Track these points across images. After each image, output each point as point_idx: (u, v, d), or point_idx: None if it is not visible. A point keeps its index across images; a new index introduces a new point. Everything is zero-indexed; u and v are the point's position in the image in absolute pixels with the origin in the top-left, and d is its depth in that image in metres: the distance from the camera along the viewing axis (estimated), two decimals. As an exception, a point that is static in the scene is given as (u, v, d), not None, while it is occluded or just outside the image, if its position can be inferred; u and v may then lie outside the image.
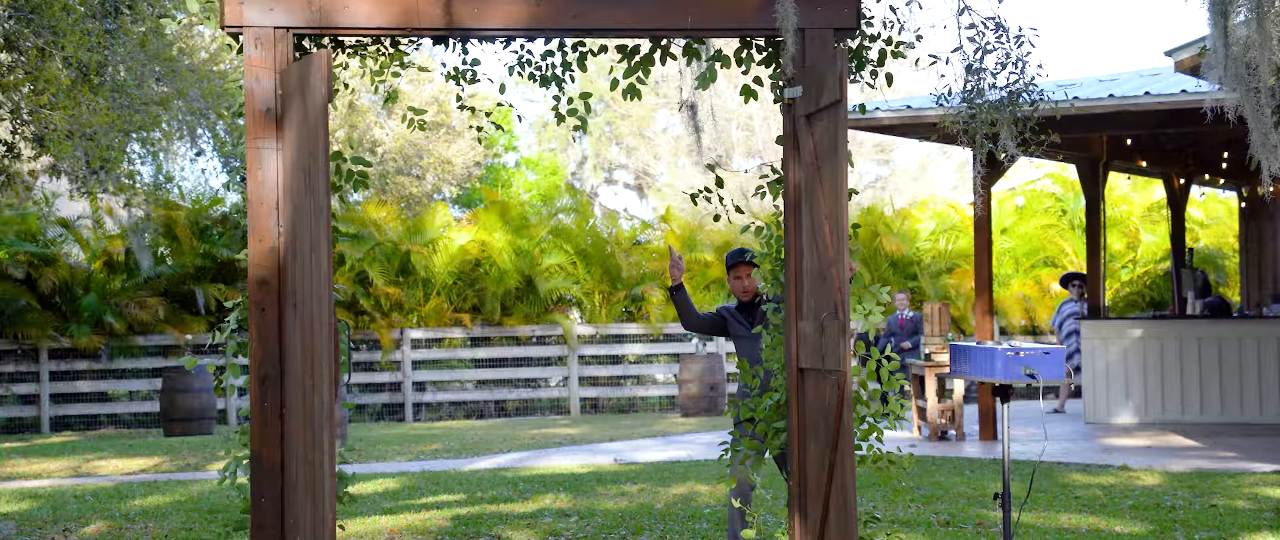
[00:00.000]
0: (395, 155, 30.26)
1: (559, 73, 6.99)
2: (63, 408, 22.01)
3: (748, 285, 8.22)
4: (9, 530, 10.52)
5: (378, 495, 11.90)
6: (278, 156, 6.13)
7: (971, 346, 6.22)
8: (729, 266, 8.33)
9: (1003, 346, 5.99)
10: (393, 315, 22.93)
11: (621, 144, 43.41)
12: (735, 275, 8.27)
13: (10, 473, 14.75)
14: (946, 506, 10.46)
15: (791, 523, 6.35)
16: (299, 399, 6.05)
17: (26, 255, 21.89)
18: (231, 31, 6.21)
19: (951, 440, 15.38)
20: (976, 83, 8.16)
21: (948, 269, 24.22)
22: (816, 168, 5.98)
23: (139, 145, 18.53)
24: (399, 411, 22.94)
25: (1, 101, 13.00)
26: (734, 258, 8.30)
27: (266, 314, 6.19)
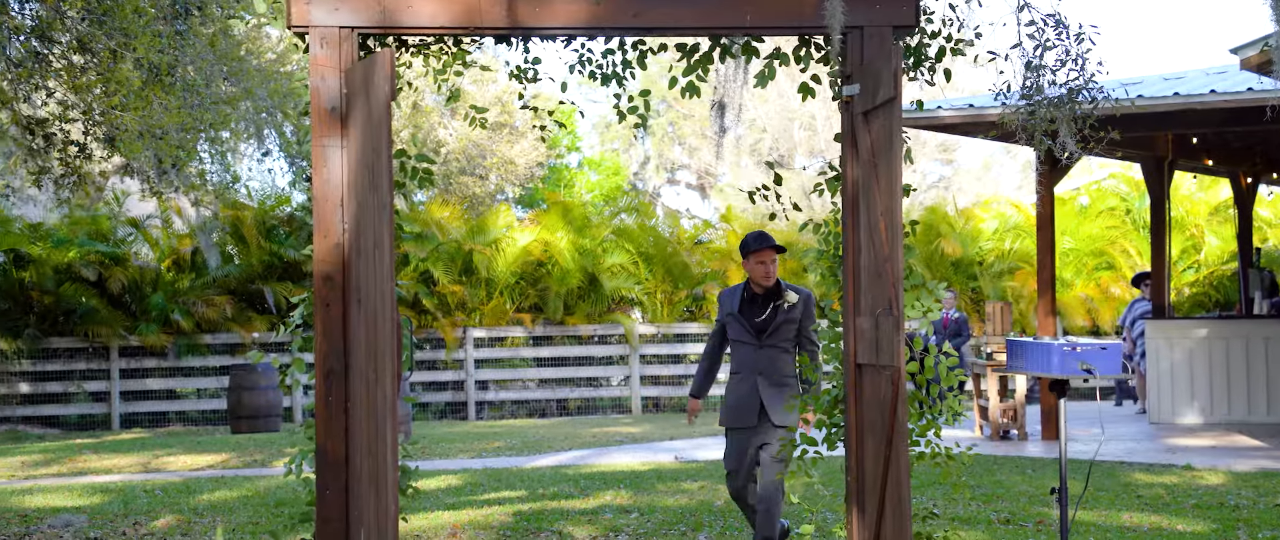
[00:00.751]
0: (458, 155, 30.47)
1: (619, 71, 7.05)
2: (132, 405, 22.35)
3: (770, 271, 8.03)
4: (81, 523, 10.73)
5: (441, 491, 12.03)
6: (343, 154, 6.23)
7: (1028, 342, 6.24)
8: (750, 250, 8.05)
9: (1060, 341, 6.01)
10: (456, 314, 23.11)
11: (684, 144, 43.45)
12: (758, 259, 8.03)
13: (82, 468, 15.03)
14: (1007, 505, 10.45)
15: (849, 517, 6.39)
16: (363, 393, 6.15)
17: (97, 255, 22.25)
18: (298, 31, 6.33)
19: (1013, 440, 15.32)
20: (1036, 80, 8.15)
21: (1009, 270, 24.08)
22: (873, 165, 6.02)
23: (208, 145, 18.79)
24: (462, 410, 23.11)
25: (74, 102, 13.22)
26: (758, 240, 8.05)
27: (331, 309, 6.29)
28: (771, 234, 8.24)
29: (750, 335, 8.04)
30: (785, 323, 8.02)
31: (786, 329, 8.03)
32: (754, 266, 8.05)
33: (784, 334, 8.04)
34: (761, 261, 8.02)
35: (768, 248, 8.04)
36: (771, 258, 8.04)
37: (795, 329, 8.06)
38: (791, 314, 8.01)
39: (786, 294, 8.04)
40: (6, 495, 12.43)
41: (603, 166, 40.24)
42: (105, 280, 22.14)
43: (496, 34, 6.59)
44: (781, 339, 8.05)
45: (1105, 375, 6.00)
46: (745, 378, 8.08)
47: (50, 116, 13.73)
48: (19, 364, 21.90)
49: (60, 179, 13.98)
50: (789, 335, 8.05)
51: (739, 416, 8.09)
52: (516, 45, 6.92)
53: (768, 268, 8.03)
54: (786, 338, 8.05)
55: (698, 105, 38.43)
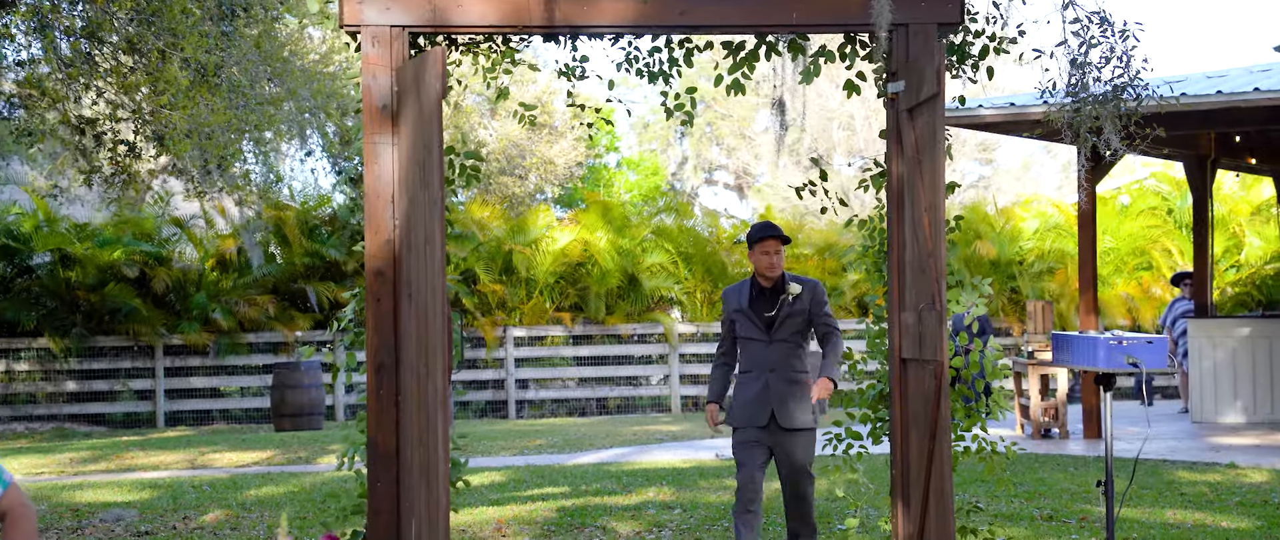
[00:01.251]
0: (498, 155, 30.59)
1: (666, 69, 7.13)
2: (177, 403, 22.56)
3: (775, 262, 7.67)
4: (132, 517, 10.87)
5: (485, 487, 12.12)
6: (393, 151, 6.33)
7: (1074, 336, 6.27)
8: (754, 241, 7.71)
9: (1106, 335, 6.05)
10: (497, 313, 23.23)
11: (722, 144, 43.50)
12: (763, 250, 7.67)
13: (129, 464, 15.20)
14: (1050, 502, 10.46)
15: (894, 510, 6.44)
16: (413, 386, 6.24)
17: (142, 255, 22.48)
18: (350, 30, 6.42)
19: (1055, 438, 15.31)
20: (1081, 77, 8.17)
21: (1048, 270, 24.02)
22: (917, 161, 6.07)
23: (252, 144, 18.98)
24: (502, 408, 23.22)
25: (123, 102, 13.41)
26: (763, 230, 7.70)
27: (382, 304, 6.39)
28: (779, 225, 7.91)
29: (760, 331, 7.71)
30: (792, 315, 7.69)
31: (794, 322, 7.69)
32: (759, 257, 7.71)
33: (792, 327, 7.70)
34: (766, 252, 7.68)
35: (772, 237, 7.70)
36: (776, 248, 7.68)
37: (803, 321, 7.72)
38: (797, 306, 7.68)
39: (789, 286, 7.71)
40: (57, 490, 12.60)
41: (641, 166, 40.32)
42: (149, 279, 22.37)
43: (544, 32, 6.68)
44: (791, 333, 7.70)
45: (1151, 369, 6.03)
46: (757, 376, 7.72)
47: (99, 116, 13.92)
48: (66, 362, 22.15)
49: (109, 178, 14.17)
50: (798, 328, 7.72)
51: (749, 416, 7.72)
52: (564, 43, 7.00)
53: (773, 258, 7.68)
54: (796, 331, 7.71)
55: (736, 105, 38.48)
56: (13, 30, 12.88)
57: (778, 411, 7.59)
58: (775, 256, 7.65)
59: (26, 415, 22.21)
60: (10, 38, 13.12)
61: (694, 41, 7.10)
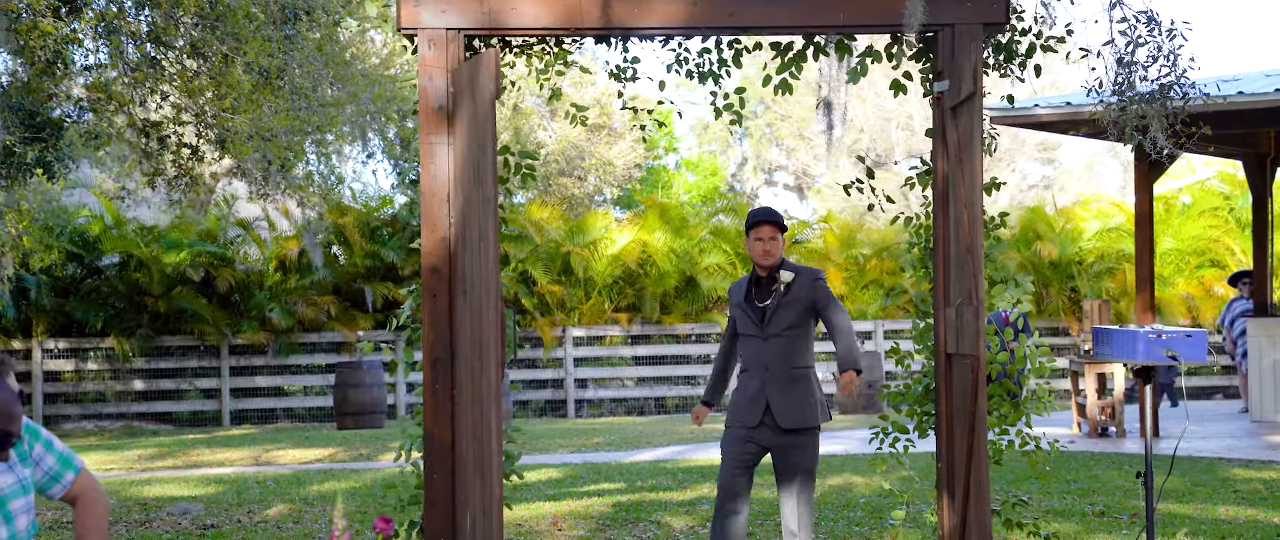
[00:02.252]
0: (558, 157, 30.81)
1: (715, 69, 7.25)
2: (242, 402, 22.92)
3: (769, 249, 7.25)
4: (197, 511, 11.13)
5: (542, 483, 12.29)
6: (449, 151, 6.49)
7: (1113, 329, 6.34)
8: (749, 226, 7.31)
9: (1145, 328, 6.12)
10: (556, 313, 23.43)
11: (781, 145, 43.53)
12: (757, 237, 7.26)
13: (195, 461, 15.51)
14: (1103, 499, 10.50)
15: (940, 503, 6.54)
16: (469, 380, 6.40)
17: (207, 257, 22.87)
18: (407, 33, 6.60)
19: (1112, 436, 15.30)
20: (1127, 76, 8.23)
21: (1108, 270, 23.92)
22: (959, 159, 6.17)
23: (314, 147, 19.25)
24: (561, 407, 23.41)
25: (187, 106, 13.68)
26: (756, 215, 7.30)
27: (438, 300, 6.55)
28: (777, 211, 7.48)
29: (755, 326, 7.26)
30: (784, 307, 7.23)
31: (787, 314, 7.23)
32: (753, 244, 7.31)
33: (786, 320, 7.22)
34: (760, 238, 7.27)
35: (766, 222, 7.28)
36: (771, 234, 7.25)
37: (801, 312, 7.25)
38: (790, 295, 7.22)
39: (780, 274, 7.27)
40: (126, 485, 12.90)
41: (700, 167, 40.42)
42: (213, 280, 22.74)
43: (596, 34, 6.82)
44: (786, 327, 7.22)
45: (1189, 362, 6.09)
46: (753, 375, 7.29)
47: (164, 120, 14.20)
48: (134, 362, 22.56)
49: (173, 180, 14.44)
50: (792, 321, 7.23)
51: (741, 416, 7.31)
52: (615, 45, 7.14)
53: (765, 245, 7.25)
54: (791, 325, 7.23)
55: (795, 106, 38.50)
56: (80, 35, 13.16)
57: (775, 410, 7.21)
58: (770, 243, 7.25)
59: (96, 414, 22.65)
60: (78, 43, 13.41)
61: (742, 42, 7.22)
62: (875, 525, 9.53)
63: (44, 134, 15.11)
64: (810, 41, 7.06)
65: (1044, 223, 24.61)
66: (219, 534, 10.06)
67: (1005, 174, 39.63)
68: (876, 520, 9.68)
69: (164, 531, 10.25)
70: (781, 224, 7.29)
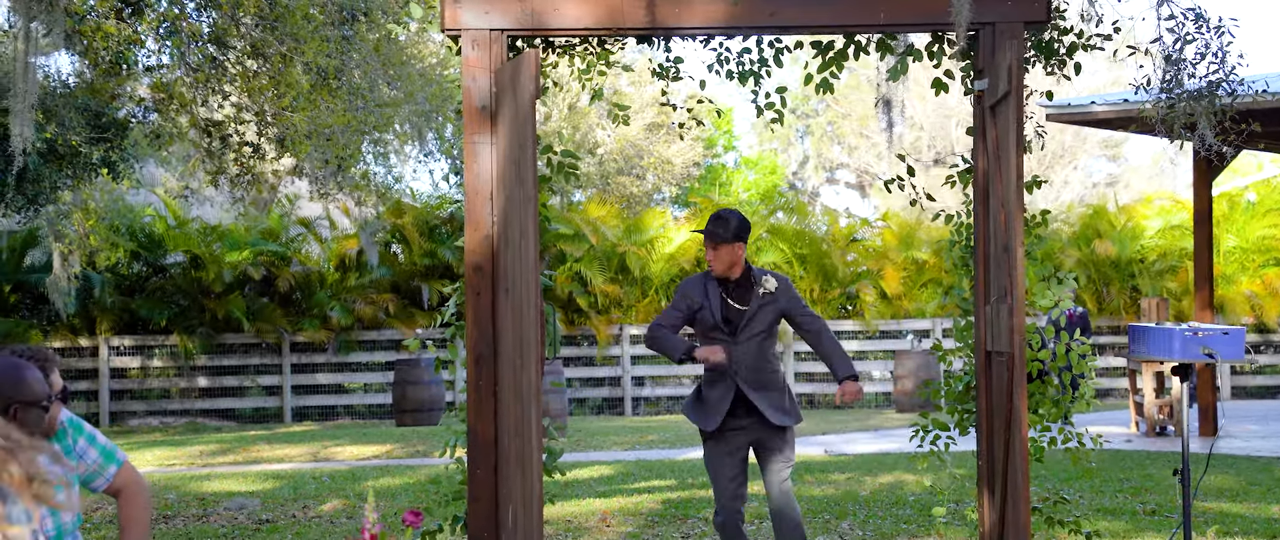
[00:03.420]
0: (615, 156, 30.90)
1: (756, 69, 7.29)
2: (303, 399, 23.17)
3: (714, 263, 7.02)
4: (254, 506, 11.30)
5: (593, 480, 12.37)
6: (492, 150, 6.57)
7: (1150, 327, 6.32)
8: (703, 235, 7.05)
9: (1182, 326, 6.09)
10: (612, 312, 23.52)
11: (843, 143, 43.40)
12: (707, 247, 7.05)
13: (255, 457, 15.72)
14: (1155, 498, 10.44)
15: (980, 500, 6.56)
16: (510, 377, 6.47)
17: (268, 255, 23.14)
18: (451, 34, 6.68)
19: (1170, 435, 15.19)
20: (1175, 73, 8.20)
21: (1171, 268, 23.69)
22: (998, 157, 6.18)
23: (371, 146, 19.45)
24: (619, 405, 23.50)
25: (248, 105, 13.89)
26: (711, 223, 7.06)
27: (481, 298, 6.63)
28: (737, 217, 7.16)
29: (723, 332, 7.04)
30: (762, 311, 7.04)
31: (762, 320, 7.05)
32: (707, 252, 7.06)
33: (761, 325, 7.05)
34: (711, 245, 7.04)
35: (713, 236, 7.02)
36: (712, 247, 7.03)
37: (773, 318, 7.08)
38: (768, 301, 7.04)
39: (764, 280, 7.10)
40: (186, 480, 13.10)
41: (759, 165, 40.39)
42: (274, 279, 23.02)
43: (638, 34, 6.88)
44: (758, 332, 7.05)
45: (1226, 360, 6.06)
46: (722, 377, 7.07)
47: (226, 119, 14.41)
48: (197, 360, 22.87)
49: (235, 178, 14.65)
50: (767, 326, 7.07)
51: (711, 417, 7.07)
52: (658, 45, 7.19)
53: (714, 258, 7.04)
54: (762, 330, 7.06)
55: (857, 104, 38.38)
56: (143, 36, 13.40)
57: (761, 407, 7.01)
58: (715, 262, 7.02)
59: (161, 410, 22.98)
60: (141, 44, 13.65)
61: (783, 42, 7.25)
62: (922, 523, 9.53)
63: (109, 134, 15.40)
64: (851, 41, 7.09)
65: (1105, 221, 24.41)
66: (274, 529, 10.21)
67: (1067, 172, 39.32)
68: (923, 517, 9.68)
69: (220, 526, 10.41)
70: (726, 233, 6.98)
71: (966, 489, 10.31)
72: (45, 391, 4.07)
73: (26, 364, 4.02)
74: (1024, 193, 6.15)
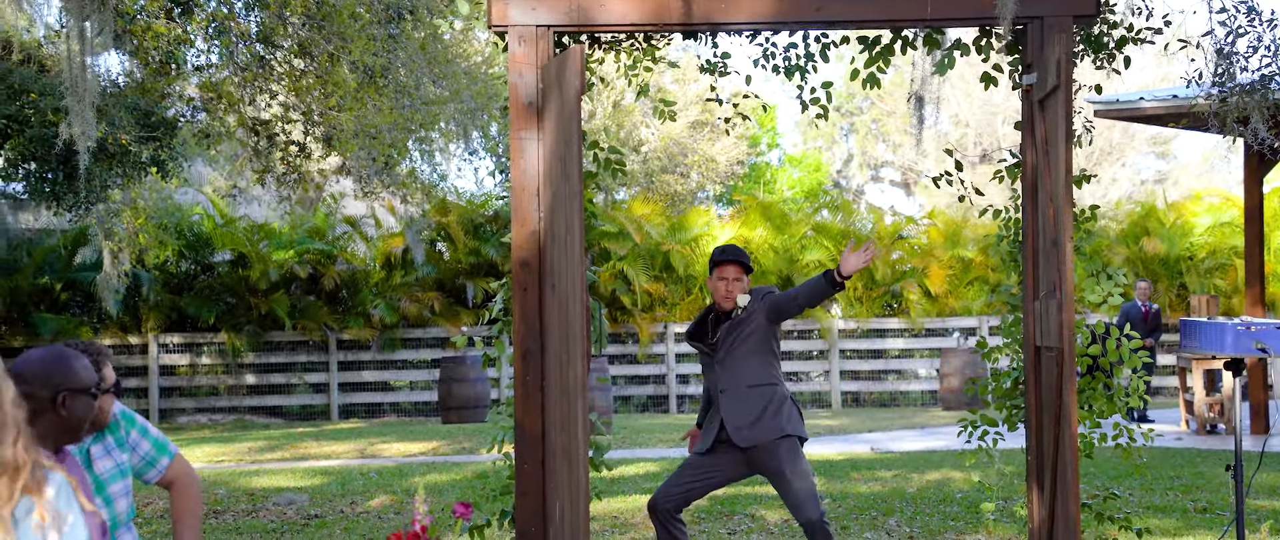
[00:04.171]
0: (660, 154, 30.90)
1: (802, 64, 7.27)
2: (349, 396, 23.30)
3: (732, 291, 6.92)
4: (303, 501, 11.38)
5: (639, 477, 12.38)
6: (538, 146, 6.58)
7: (1202, 321, 6.28)
8: (714, 264, 6.96)
9: (1233, 321, 6.04)
10: (657, 310, 23.53)
11: (888, 141, 43.25)
12: (720, 276, 6.93)
13: (303, 453, 15.82)
14: (1206, 495, 10.37)
15: (1029, 496, 6.52)
16: (557, 372, 6.49)
17: (314, 254, 23.28)
18: (498, 30, 6.70)
19: (1221, 434, 15.06)
20: (1227, 67, 8.14)
21: (1221, 266, 23.47)
22: (1046, 151, 6.14)
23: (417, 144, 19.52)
24: (663, 403, 23.51)
25: (295, 103, 13.97)
26: (722, 254, 6.97)
27: (528, 293, 6.65)
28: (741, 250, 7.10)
29: (708, 356, 7.02)
30: (739, 328, 6.92)
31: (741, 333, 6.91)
32: (716, 284, 6.96)
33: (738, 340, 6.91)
34: (723, 278, 6.93)
35: (732, 262, 6.94)
36: (734, 274, 6.92)
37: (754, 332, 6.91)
38: (747, 318, 6.91)
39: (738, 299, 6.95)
40: (235, 476, 13.20)
41: (804, 163, 40.30)
42: (320, 277, 23.15)
43: (684, 30, 6.88)
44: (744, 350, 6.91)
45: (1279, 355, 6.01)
46: (713, 400, 7.02)
47: (273, 118, 14.50)
48: (244, 357, 23.04)
49: (282, 177, 14.75)
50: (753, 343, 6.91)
51: (702, 441, 7.03)
52: (704, 40, 7.19)
53: (728, 285, 6.92)
54: (746, 345, 6.91)
55: (902, 102, 38.22)
56: (192, 36, 13.51)
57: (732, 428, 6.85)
58: (734, 284, 6.91)
59: (209, 407, 23.16)
60: (190, 43, 13.76)
61: (829, 37, 7.23)
62: (970, 519, 9.50)
63: (158, 133, 15.52)
64: (897, 35, 7.06)
65: (1154, 218, 24.22)
66: (322, 524, 10.28)
67: (1115, 169, 39.04)
68: (972, 514, 9.65)
69: (269, 521, 10.48)
70: (747, 266, 6.96)
71: (1015, 486, 10.27)
72: (93, 379, 4.11)
73: (74, 353, 4.07)
74: (1073, 187, 6.11)
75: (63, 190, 15.49)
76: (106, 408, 4.65)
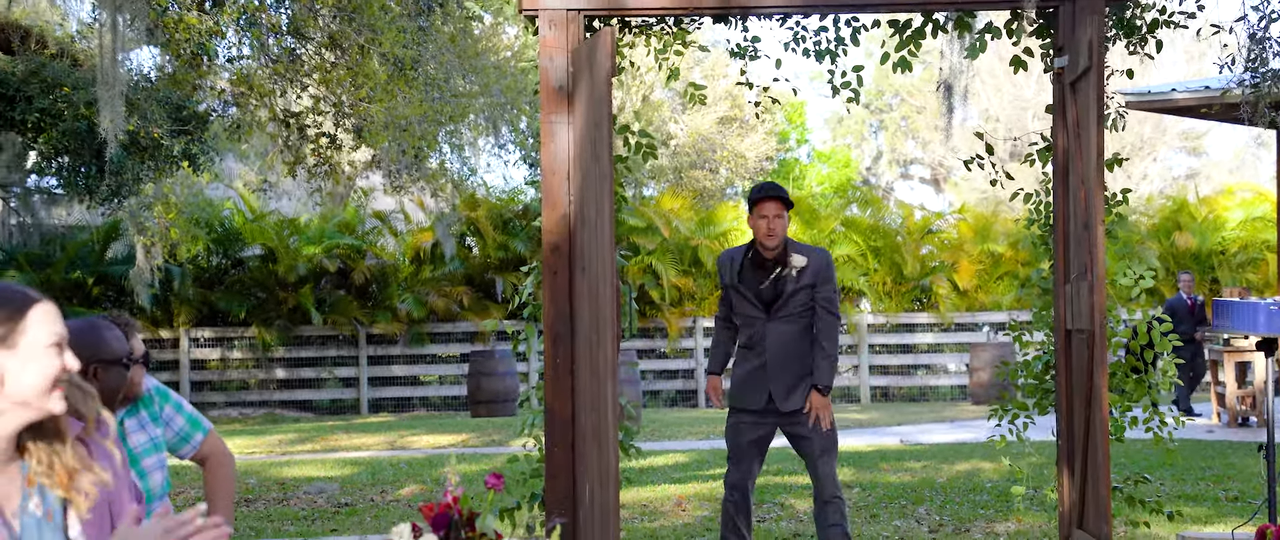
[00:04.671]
0: (688, 149, 30.90)
1: (833, 47, 7.27)
2: (379, 390, 23.37)
3: (774, 228, 6.81)
4: (333, 490, 11.43)
5: (668, 467, 12.40)
6: (569, 129, 6.60)
7: (1235, 301, 6.26)
8: (754, 202, 6.83)
9: (1267, 301, 6.02)
10: (686, 305, 23.53)
11: (917, 138, 43.16)
12: (760, 213, 6.80)
13: (333, 445, 15.90)
14: (1238, 485, 10.33)
15: (1060, 479, 6.51)
16: (587, 354, 6.50)
17: (344, 248, 23.36)
18: (528, 14, 6.72)
19: (1253, 426, 14.98)
20: (1260, 53, 8.09)
21: (1252, 260, 23.34)
22: (1077, 134, 6.13)
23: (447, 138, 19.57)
24: (692, 398, 23.51)
25: (325, 96, 14.02)
26: (762, 191, 6.86)
27: (558, 277, 6.66)
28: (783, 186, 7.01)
29: (757, 308, 6.93)
30: (796, 292, 6.86)
31: (799, 298, 6.87)
32: (757, 222, 6.83)
33: (797, 305, 6.87)
34: (764, 215, 6.80)
35: (772, 198, 6.82)
36: (777, 211, 6.80)
37: (808, 296, 6.87)
38: (801, 280, 6.86)
39: (792, 258, 6.88)
40: (266, 467, 13.27)
41: (833, 159, 40.24)
42: (350, 272, 23.24)
43: (714, 13, 6.88)
44: (794, 311, 6.88)
45: (1311, 335, 5.99)
46: (755, 354, 6.95)
47: (304, 110, 14.56)
48: (275, 351, 23.14)
49: (312, 169, 14.81)
50: (803, 305, 6.88)
51: (744, 398, 6.99)
52: (734, 24, 7.19)
53: (770, 222, 6.79)
54: (801, 309, 6.88)
55: (931, 98, 38.14)
56: (223, 28, 13.57)
57: (777, 396, 6.89)
58: (775, 221, 6.80)
59: (240, 401, 23.26)
60: (221, 35, 13.83)
61: (860, 20, 7.22)
62: (1000, 508, 9.48)
63: (189, 126, 15.61)
64: (929, 18, 7.05)
65: (1186, 213, 24.11)
66: (352, 511, 10.32)
67: (1147, 165, 38.86)
68: (1002, 503, 9.63)
69: (300, 509, 10.54)
70: (787, 200, 6.85)
71: (1044, 476, 10.24)
72: (125, 350, 4.14)
73: (106, 324, 4.10)
74: (1104, 170, 6.09)
75: (95, 184, 15.59)
76: (137, 379, 4.68)
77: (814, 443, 6.93)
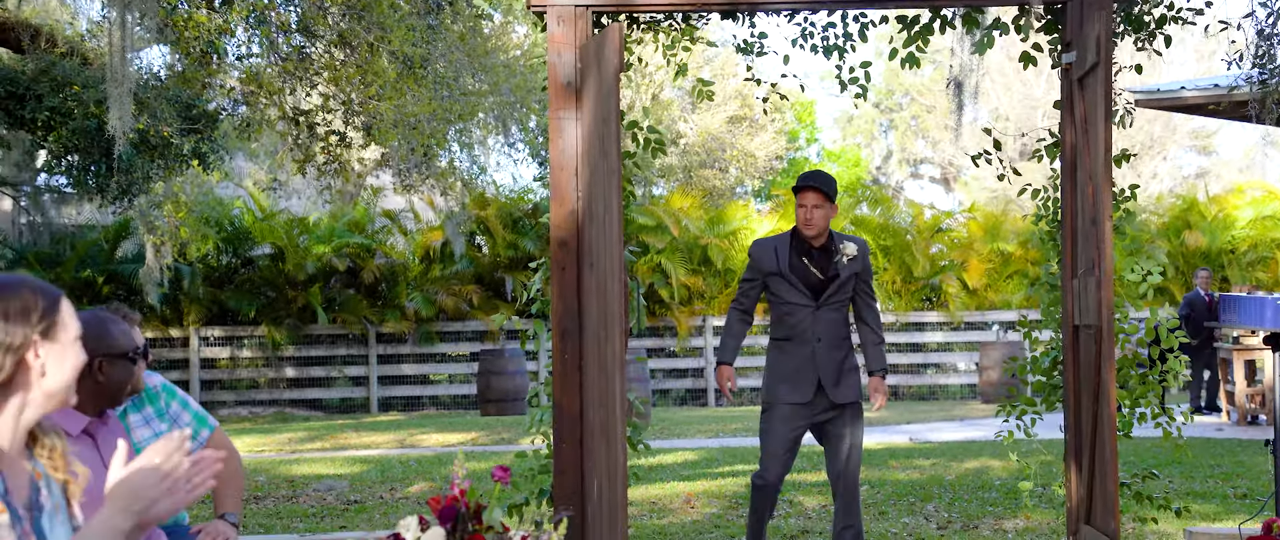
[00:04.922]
0: (698, 149, 30.90)
1: (840, 43, 7.27)
2: (388, 389, 23.39)
3: (813, 218, 6.84)
4: (342, 487, 11.45)
5: (677, 465, 12.40)
6: (577, 125, 6.61)
7: (1242, 296, 6.26)
8: (796, 191, 6.88)
9: (1275, 295, 6.02)
10: (695, 303, 23.53)
11: (927, 137, 43.13)
12: (800, 203, 6.85)
13: (342, 443, 15.92)
14: (1247, 483, 10.32)
15: (1067, 473, 6.51)
16: (595, 350, 6.51)
17: (353, 247, 23.38)
18: (536, 10, 6.73)
19: (1262, 425, 14.96)
20: (1268, 49, 8.09)
21: (1262, 259, 23.29)
22: (1085, 130, 6.13)
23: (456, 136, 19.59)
24: (701, 397, 23.51)
25: (335, 94, 14.05)
26: (804, 180, 6.88)
27: (566, 273, 6.67)
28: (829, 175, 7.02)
29: (805, 297, 6.87)
30: (847, 280, 6.91)
31: (847, 287, 6.92)
32: (798, 211, 6.89)
33: (844, 293, 6.92)
34: (803, 204, 6.83)
35: (811, 188, 6.83)
36: (815, 201, 6.81)
37: (853, 286, 6.95)
38: (851, 269, 6.91)
39: (844, 246, 6.92)
40: (276, 465, 13.29)
41: (842, 158, 40.23)
42: (360, 270, 23.26)
43: (722, 9, 6.88)
44: (842, 297, 6.92)
45: (1317, 329, 5.99)
46: (802, 344, 6.90)
47: (313, 108, 14.59)
48: (285, 350, 23.16)
49: (322, 167, 14.83)
50: (848, 293, 6.94)
51: (792, 391, 6.93)
52: (742, 20, 7.20)
53: (809, 212, 6.82)
54: (846, 297, 6.94)
55: (941, 98, 38.12)
56: (232, 26, 13.61)
57: (826, 382, 6.89)
58: (815, 211, 6.81)
59: (250, 400, 23.29)
60: (231, 34, 13.86)
61: (868, 16, 7.22)
62: (1008, 505, 9.48)
63: (199, 125, 15.64)
64: (936, 14, 7.05)
65: (1195, 212, 24.07)
66: (362, 509, 10.34)
67: (1156, 164, 38.80)
68: (1010, 500, 9.63)
69: (309, 506, 10.55)
70: (828, 193, 6.83)
71: (1053, 474, 10.24)
72: (131, 344, 4.15)
73: (112, 317, 4.11)
74: (1112, 166, 6.09)
75: (105, 182, 15.62)
76: (139, 371, 4.70)
77: (845, 441, 6.96)
